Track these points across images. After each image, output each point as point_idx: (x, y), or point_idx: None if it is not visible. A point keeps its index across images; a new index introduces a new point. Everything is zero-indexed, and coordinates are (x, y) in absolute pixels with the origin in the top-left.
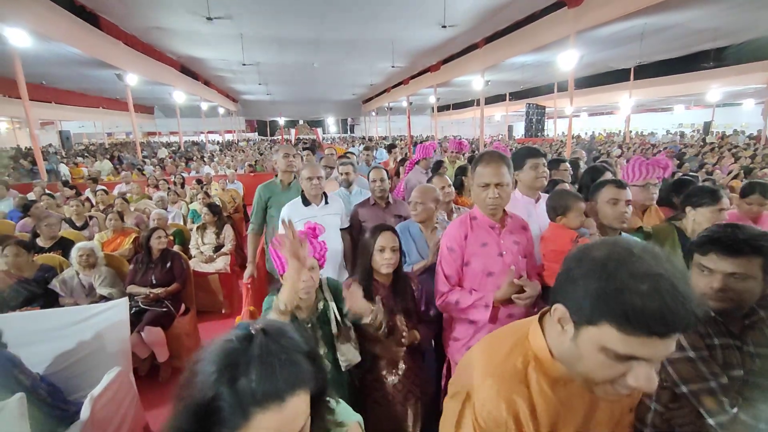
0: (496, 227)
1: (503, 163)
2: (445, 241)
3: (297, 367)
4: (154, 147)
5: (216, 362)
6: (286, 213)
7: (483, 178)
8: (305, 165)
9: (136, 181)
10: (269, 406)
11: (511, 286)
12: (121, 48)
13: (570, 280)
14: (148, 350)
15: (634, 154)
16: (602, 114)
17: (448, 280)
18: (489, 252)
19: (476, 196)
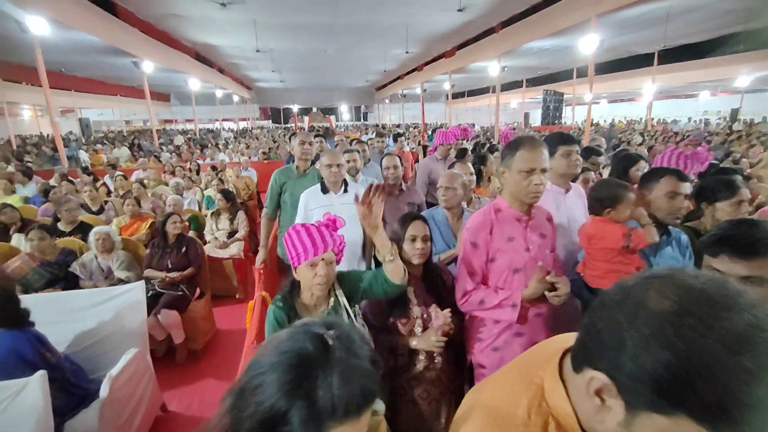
0: (522, 220)
1: (546, 149)
2: (467, 235)
3: (372, 380)
4: (170, 134)
5: (291, 370)
6: (304, 200)
7: (528, 163)
8: (325, 152)
9: (153, 167)
10: (346, 421)
11: (541, 283)
12: (137, 35)
13: (613, 337)
14: (165, 332)
15: (656, 143)
16: (623, 101)
17: (472, 278)
18: (515, 247)
19: (515, 184)
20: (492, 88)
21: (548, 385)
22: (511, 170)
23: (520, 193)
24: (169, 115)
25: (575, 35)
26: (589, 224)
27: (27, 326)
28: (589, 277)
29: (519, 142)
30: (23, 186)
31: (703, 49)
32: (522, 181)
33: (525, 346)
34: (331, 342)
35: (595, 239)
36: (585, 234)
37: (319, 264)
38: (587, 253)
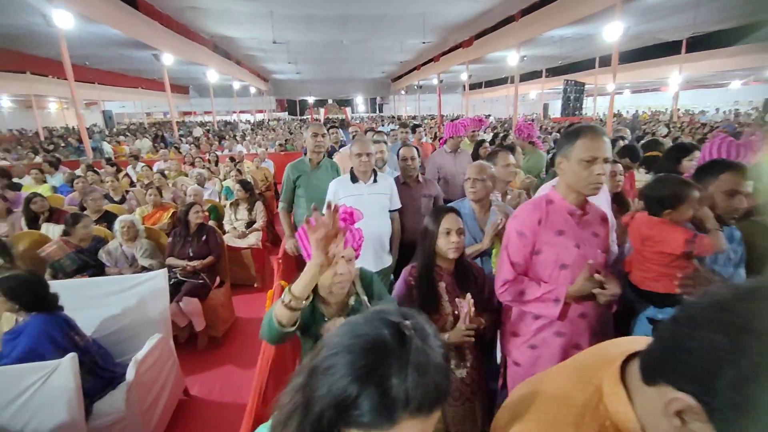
0: (575, 214)
1: (608, 137)
2: (514, 224)
3: (446, 377)
4: (189, 126)
5: (366, 355)
6: (333, 189)
7: (590, 152)
8: (355, 140)
9: (173, 158)
10: (418, 416)
11: (589, 281)
12: (157, 28)
13: (710, 361)
14: (186, 319)
15: (682, 134)
16: (647, 91)
17: (514, 268)
18: (564, 242)
19: (574, 174)
20: (510, 79)
21: (608, 389)
22: (569, 160)
23: (579, 184)
24: (188, 107)
25: (599, 23)
26: (645, 224)
27: (57, 310)
28: (638, 278)
29: (579, 131)
30: (51, 176)
31: (736, 36)
32: (582, 171)
33: (564, 347)
34: (408, 332)
35: (651, 242)
36: (639, 234)
37: (339, 262)
38: (638, 252)
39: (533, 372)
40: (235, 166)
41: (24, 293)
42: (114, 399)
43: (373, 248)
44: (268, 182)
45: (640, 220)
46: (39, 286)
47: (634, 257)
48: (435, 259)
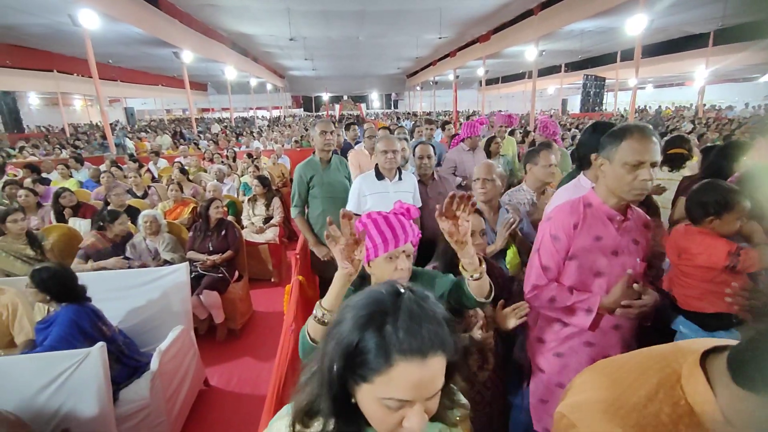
0: (615, 219)
1: (658, 138)
2: (549, 226)
3: (440, 328)
4: (207, 122)
5: (366, 308)
6: (357, 186)
7: (636, 155)
8: (380, 137)
9: (192, 154)
10: (412, 358)
11: (627, 292)
12: (177, 26)
13: None
14: (206, 312)
15: (707, 131)
16: (671, 85)
17: (546, 273)
18: (602, 248)
19: (617, 178)
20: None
21: (687, 371)
22: (612, 162)
23: (622, 189)
24: (207, 104)
25: (621, 15)
26: (681, 234)
27: (85, 301)
28: (680, 297)
29: (626, 130)
30: (77, 171)
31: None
32: (626, 175)
33: (595, 357)
34: (402, 290)
35: (688, 254)
36: (675, 246)
37: (399, 257)
38: (676, 268)
39: (559, 380)
40: (253, 162)
41: (54, 285)
42: (139, 387)
43: None
44: (284, 178)
45: (677, 232)
46: (68, 278)
47: (674, 273)
48: (457, 262)
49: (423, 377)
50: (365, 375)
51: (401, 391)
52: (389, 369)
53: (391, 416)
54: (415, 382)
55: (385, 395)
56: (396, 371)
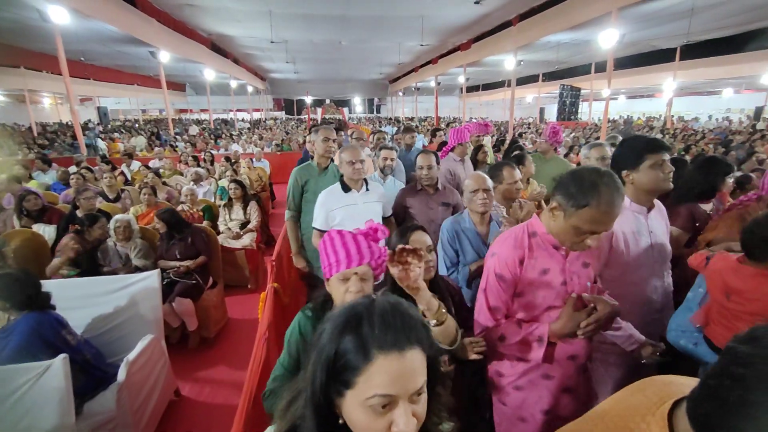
0: (562, 248)
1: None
2: (493, 264)
3: (414, 325)
4: (185, 124)
5: (341, 316)
6: (323, 200)
7: (594, 225)
8: (345, 147)
9: (168, 157)
10: (390, 351)
11: (574, 316)
12: (154, 25)
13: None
14: (179, 320)
15: (675, 141)
16: (642, 97)
17: (494, 314)
18: (550, 281)
19: (566, 233)
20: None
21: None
22: (567, 216)
23: (564, 241)
24: (185, 104)
25: (595, 29)
26: (731, 272)
27: (48, 309)
28: (721, 339)
29: (595, 192)
30: (44, 173)
31: (729, 45)
32: (575, 236)
33: (554, 391)
34: (375, 297)
35: (742, 298)
36: (722, 284)
37: (351, 278)
38: (722, 307)
39: (520, 414)
40: (231, 166)
41: (15, 292)
42: (105, 399)
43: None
44: (262, 182)
45: (725, 267)
46: (30, 285)
47: (715, 311)
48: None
49: (403, 370)
50: (347, 379)
51: (383, 386)
52: (369, 365)
53: (378, 422)
54: (395, 376)
55: (368, 394)
56: (375, 366)
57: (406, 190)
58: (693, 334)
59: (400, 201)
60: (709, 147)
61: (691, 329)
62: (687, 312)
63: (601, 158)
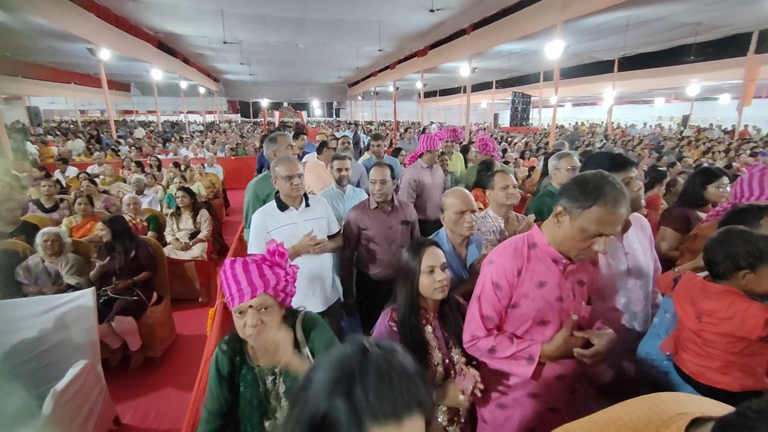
0: (561, 262)
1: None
2: (490, 272)
3: (414, 385)
4: (130, 126)
5: (331, 371)
6: (258, 221)
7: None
8: (280, 160)
9: (109, 162)
10: (386, 423)
11: (570, 340)
12: (93, 21)
13: None
14: (120, 340)
15: (615, 146)
16: (586, 104)
17: (486, 323)
18: (546, 294)
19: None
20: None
21: None
22: (573, 220)
23: (568, 248)
24: (130, 105)
25: (542, 40)
26: (699, 292)
27: None
28: (693, 367)
29: (601, 193)
30: None
31: (658, 58)
32: (581, 241)
33: (540, 410)
34: (370, 347)
35: (715, 318)
36: (691, 305)
37: (247, 312)
38: (693, 333)
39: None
40: (181, 172)
41: None
42: None
43: (320, 284)
44: (215, 189)
45: (693, 287)
46: None
47: (684, 337)
48: (419, 301)
49: None
50: None
51: None
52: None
53: None
54: None
55: None
56: None
57: (359, 210)
58: (663, 362)
59: (353, 221)
60: (645, 152)
61: (661, 358)
62: (655, 339)
63: (572, 168)
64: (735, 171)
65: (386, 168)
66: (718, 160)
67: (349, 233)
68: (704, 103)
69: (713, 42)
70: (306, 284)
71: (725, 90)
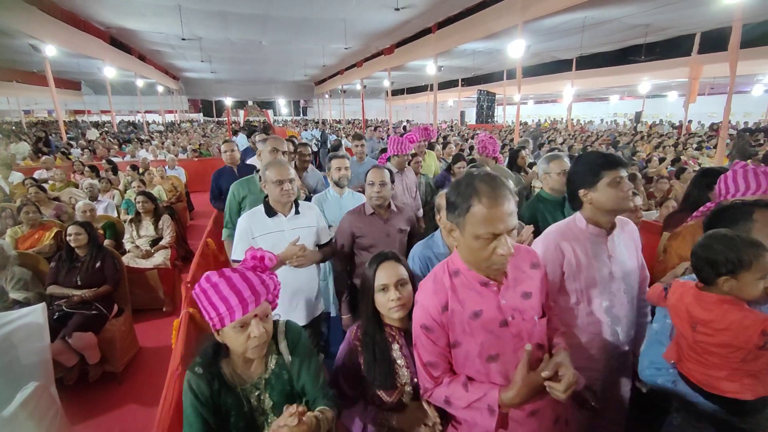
0: (492, 284)
1: (509, 196)
2: (417, 315)
3: None
4: (82, 127)
5: None
6: (244, 226)
7: (487, 226)
8: (270, 163)
9: (59, 166)
10: None
11: (530, 378)
12: (36, 14)
13: None
14: (76, 357)
15: (575, 142)
16: (547, 102)
17: (429, 371)
18: (486, 324)
19: (471, 251)
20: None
21: None
22: (464, 234)
23: (479, 264)
24: (81, 105)
25: (505, 39)
26: (693, 300)
27: None
28: (700, 376)
29: (473, 191)
30: None
31: (613, 58)
32: (480, 250)
33: None
34: None
35: (710, 329)
36: (686, 315)
37: (251, 323)
38: (693, 341)
39: None
40: (139, 176)
41: None
42: None
43: (305, 296)
44: (177, 192)
45: (685, 295)
46: None
47: (686, 345)
48: (381, 320)
49: None
50: None
51: None
52: None
53: None
54: None
55: None
56: None
57: (353, 216)
58: (669, 371)
59: (347, 229)
60: (602, 147)
61: (666, 366)
62: (658, 346)
63: (563, 172)
64: (683, 164)
65: (385, 170)
66: (669, 153)
67: (342, 242)
68: (655, 100)
69: (661, 43)
70: (289, 297)
71: (673, 88)
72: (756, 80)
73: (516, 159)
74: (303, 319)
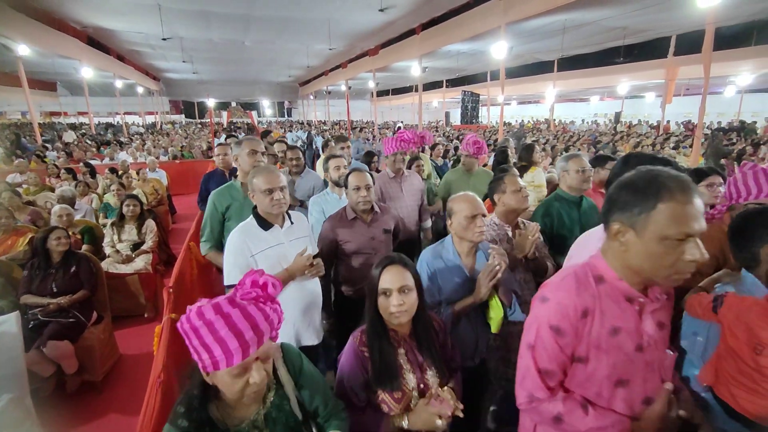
0: (637, 301)
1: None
2: (546, 313)
3: None
4: (58, 129)
5: None
6: (238, 244)
7: (680, 226)
8: (258, 170)
9: (33, 170)
10: None
11: (668, 419)
12: (7, 12)
13: None
14: (53, 366)
15: (557, 142)
16: (530, 102)
17: (546, 379)
18: (622, 344)
19: (652, 256)
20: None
21: None
22: (642, 233)
23: (657, 272)
24: (57, 106)
25: (488, 41)
26: (758, 318)
27: None
28: (750, 406)
29: (661, 186)
30: None
31: (592, 60)
32: (666, 255)
33: None
34: None
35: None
36: (754, 338)
37: (252, 366)
38: (755, 366)
39: None
40: (118, 179)
41: None
42: None
43: (317, 311)
44: (159, 195)
45: (747, 311)
46: None
47: (736, 369)
48: (385, 324)
49: None
50: None
51: None
52: None
53: None
54: None
55: None
56: None
57: (335, 221)
58: (701, 394)
59: (329, 235)
60: (583, 146)
61: (698, 389)
62: (688, 366)
63: (581, 170)
64: None
65: (367, 175)
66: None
67: (325, 248)
68: (633, 101)
69: (639, 45)
70: (301, 314)
71: (650, 89)
72: (728, 81)
73: (505, 158)
74: (316, 337)
